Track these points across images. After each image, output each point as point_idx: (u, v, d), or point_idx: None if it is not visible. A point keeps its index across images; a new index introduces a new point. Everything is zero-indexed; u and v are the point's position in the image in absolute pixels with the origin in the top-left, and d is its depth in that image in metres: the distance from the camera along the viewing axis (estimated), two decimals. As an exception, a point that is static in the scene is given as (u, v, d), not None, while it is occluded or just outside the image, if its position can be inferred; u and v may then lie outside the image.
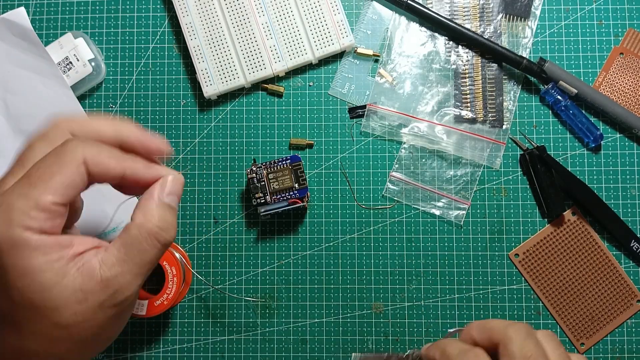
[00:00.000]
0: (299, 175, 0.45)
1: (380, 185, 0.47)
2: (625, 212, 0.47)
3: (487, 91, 0.47)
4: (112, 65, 0.49)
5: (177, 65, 0.48)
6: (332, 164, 0.48)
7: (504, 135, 0.47)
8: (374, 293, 0.47)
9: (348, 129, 0.48)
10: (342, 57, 0.48)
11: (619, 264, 0.46)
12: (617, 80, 0.47)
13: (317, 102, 0.48)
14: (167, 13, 0.49)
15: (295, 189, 0.44)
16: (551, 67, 0.46)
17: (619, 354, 0.46)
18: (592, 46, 0.48)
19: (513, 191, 0.47)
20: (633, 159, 0.47)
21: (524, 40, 0.48)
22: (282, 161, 0.45)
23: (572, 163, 0.47)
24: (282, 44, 0.47)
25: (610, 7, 0.48)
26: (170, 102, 0.48)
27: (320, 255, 0.47)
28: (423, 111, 0.47)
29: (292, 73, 0.48)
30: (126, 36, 0.49)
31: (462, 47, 0.48)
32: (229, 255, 0.47)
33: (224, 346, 0.46)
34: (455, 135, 0.47)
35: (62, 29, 0.49)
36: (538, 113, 0.48)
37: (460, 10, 0.48)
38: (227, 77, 0.47)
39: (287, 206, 0.44)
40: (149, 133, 0.34)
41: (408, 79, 0.48)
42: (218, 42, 0.47)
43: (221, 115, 0.48)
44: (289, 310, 0.47)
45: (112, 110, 0.48)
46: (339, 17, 0.47)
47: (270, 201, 0.44)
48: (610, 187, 0.47)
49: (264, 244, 0.47)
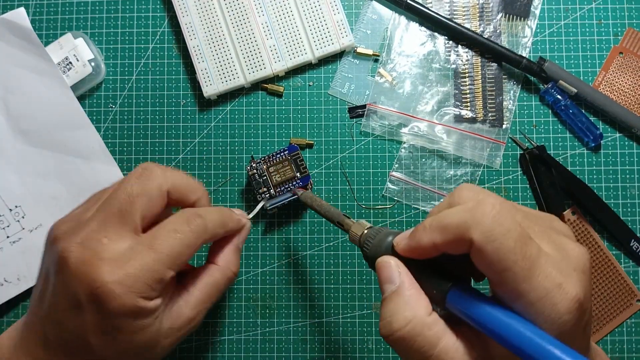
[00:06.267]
0: (299, 164, 0.45)
1: (380, 185, 0.47)
2: (625, 212, 0.47)
3: (487, 91, 0.47)
4: (112, 65, 0.49)
5: (177, 65, 0.48)
6: (332, 164, 0.48)
7: (504, 134, 0.47)
8: (374, 293, 0.47)
9: (348, 128, 0.48)
10: (342, 56, 0.48)
11: (619, 263, 0.46)
12: (616, 79, 0.47)
13: (317, 102, 0.48)
14: (166, 13, 0.49)
15: (297, 178, 0.45)
16: (551, 66, 0.46)
17: (618, 353, 0.46)
18: (592, 46, 0.48)
19: (513, 191, 0.47)
20: (633, 158, 0.47)
21: (523, 40, 0.48)
22: (280, 153, 0.45)
23: (572, 162, 0.47)
24: (282, 44, 0.47)
25: (610, 6, 0.48)
26: (170, 102, 0.48)
27: (320, 255, 0.47)
28: (423, 111, 0.47)
29: (292, 73, 0.48)
30: (126, 36, 0.49)
31: (461, 47, 0.48)
32: (229, 255, 0.47)
33: (224, 346, 0.46)
34: (455, 135, 0.47)
35: (62, 29, 0.49)
36: (538, 112, 0.48)
37: (459, 10, 0.48)
38: (227, 77, 0.47)
39: (293, 196, 0.44)
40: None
41: (408, 78, 0.48)
42: (218, 42, 0.47)
43: (221, 115, 0.48)
44: (289, 310, 0.47)
45: (112, 110, 0.48)
46: (338, 16, 0.47)
47: (275, 194, 0.44)
48: (610, 186, 0.47)
49: (264, 244, 0.47)
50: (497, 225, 0.23)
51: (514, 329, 0.22)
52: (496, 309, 0.23)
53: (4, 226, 0.46)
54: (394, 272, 0.27)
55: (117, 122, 0.48)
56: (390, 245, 0.29)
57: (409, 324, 0.25)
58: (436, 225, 0.25)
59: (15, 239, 0.46)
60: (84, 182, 0.47)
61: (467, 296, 0.25)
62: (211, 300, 0.36)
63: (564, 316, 0.22)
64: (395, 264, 0.27)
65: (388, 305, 0.26)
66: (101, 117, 0.48)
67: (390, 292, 0.27)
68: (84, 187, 0.47)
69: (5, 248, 0.46)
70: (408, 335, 0.25)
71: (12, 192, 0.46)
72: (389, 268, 0.27)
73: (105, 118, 0.48)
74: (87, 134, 0.47)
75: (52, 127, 0.47)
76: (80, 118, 0.47)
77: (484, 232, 0.23)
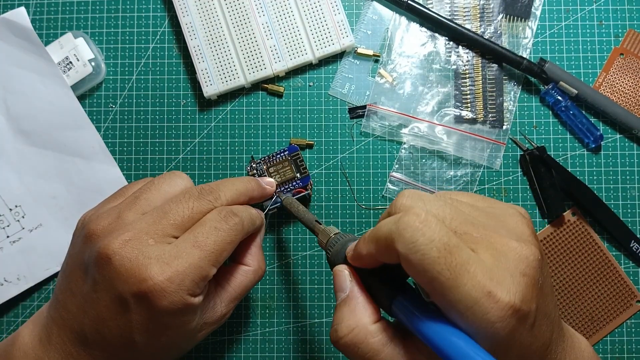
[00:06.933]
0: (299, 165, 0.45)
1: (380, 186, 0.47)
2: (625, 213, 0.47)
3: (487, 91, 0.47)
4: (112, 65, 0.49)
5: (177, 65, 0.48)
6: (332, 164, 0.48)
7: (504, 135, 0.47)
8: (374, 293, 0.47)
9: (348, 129, 0.48)
10: (342, 57, 0.48)
11: (619, 264, 0.46)
12: (617, 80, 0.47)
13: (317, 102, 0.48)
14: (167, 13, 0.49)
15: (297, 178, 0.45)
16: (551, 67, 0.46)
17: (618, 354, 0.46)
18: (592, 47, 0.48)
19: (513, 191, 0.47)
20: (633, 159, 0.47)
21: (524, 41, 0.48)
22: (280, 153, 0.45)
23: (572, 163, 0.47)
24: (282, 44, 0.47)
25: (611, 7, 0.48)
26: (170, 102, 0.48)
27: (320, 255, 0.47)
28: (423, 111, 0.47)
29: (292, 73, 0.48)
30: (126, 36, 0.49)
31: (462, 48, 0.48)
32: (229, 255, 0.47)
33: (224, 346, 0.46)
34: (456, 136, 0.47)
35: (62, 29, 0.49)
36: (538, 113, 0.48)
37: (460, 11, 0.48)
38: (227, 77, 0.47)
39: (293, 197, 0.44)
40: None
41: (408, 79, 0.48)
42: (218, 42, 0.47)
43: (221, 115, 0.48)
44: (289, 310, 0.47)
45: (112, 110, 0.48)
46: (339, 17, 0.47)
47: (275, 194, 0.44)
48: (610, 187, 0.47)
49: (264, 244, 0.47)
50: (419, 236, 0.23)
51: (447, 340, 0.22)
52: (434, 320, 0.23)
53: (4, 226, 0.46)
54: (345, 281, 0.28)
55: (117, 122, 0.48)
56: None
57: (352, 331, 0.26)
58: (370, 237, 0.26)
59: (15, 238, 0.46)
60: (84, 182, 0.47)
61: (410, 306, 0.25)
62: (242, 297, 0.38)
63: (495, 324, 0.22)
64: (347, 273, 0.28)
65: (337, 312, 0.27)
66: (101, 117, 0.48)
67: (340, 300, 0.28)
68: (84, 187, 0.47)
69: (5, 248, 0.46)
70: (351, 342, 0.26)
71: (12, 192, 0.46)
72: (341, 276, 0.28)
73: (105, 118, 0.48)
74: (87, 134, 0.47)
75: (52, 127, 0.47)
76: (80, 118, 0.47)
77: (406, 244, 0.23)
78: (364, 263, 0.27)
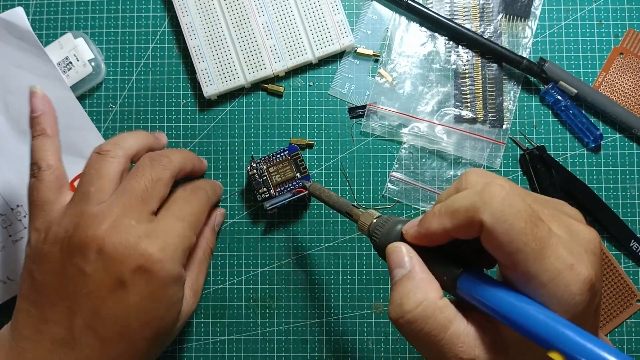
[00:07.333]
0: (299, 165, 0.45)
1: (380, 185, 0.47)
2: (625, 212, 0.47)
3: (487, 91, 0.47)
4: (112, 65, 0.49)
5: (177, 65, 0.48)
6: (332, 164, 0.48)
7: (504, 135, 0.47)
8: (374, 293, 0.47)
9: (348, 129, 0.48)
10: (342, 57, 0.48)
11: (619, 263, 0.46)
12: (617, 80, 0.47)
13: (317, 102, 0.48)
14: (167, 13, 0.49)
15: (297, 178, 0.45)
16: (551, 67, 0.46)
17: (618, 353, 0.46)
18: (592, 46, 0.48)
19: (513, 191, 0.47)
20: (633, 159, 0.47)
21: (524, 41, 0.48)
22: (280, 153, 0.45)
23: (572, 163, 0.47)
24: (282, 44, 0.47)
25: (610, 7, 0.48)
26: (170, 102, 0.48)
27: (320, 255, 0.47)
28: (423, 111, 0.47)
29: (292, 73, 0.48)
30: (126, 36, 0.49)
31: (462, 47, 0.48)
32: (229, 255, 0.47)
33: (224, 346, 0.47)
34: (455, 135, 0.47)
35: (62, 29, 0.49)
36: (538, 113, 0.48)
37: (460, 10, 0.48)
38: (227, 77, 0.47)
39: (293, 197, 0.44)
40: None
41: (408, 79, 0.48)
42: (218, 42, 0.47)
43: (221, 115, 0.48)
44: (289, 310, 0.47)
45: (112, 110, 0.48)
46: (339, 17, 0.47)
47: (275, 194, 0.44)
48: (610, 187, 0.47)
49: (264, 244, 0.47)
50: (506, 206, 0.22)
51: (526, 313, 0.22)
52: (508, 294, 0.23)
53: (6, 225, 0.46)
54: (404, 257, 0.27)
55: (117, 122, 0.48)
56: (400, 234, 0.29)
57: (420, 305, 0.25)
58: (445, 210, 0.25)
59: (17, 237, 0.46)
60: (84, 182, 0.47)
61: (478, 281, 0.24)
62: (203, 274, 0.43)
63: (576, 297, 0.22)
64: (406, 249, 0.27)
65: (398, 288, 0.26)
66: (101, 117, 0.48)
67: (401, 276, 0.26)
68: (84, 187, 0.47)
69: (8, 247, 0.46)
70: (419, 316, 0.24)
71: (13, 192, 0.46)
72: (400, 253, 0.27)
73: (105, 118, 0.48)
74: (87, 134, 0.47)
75: (52, 127, 0.47)
76: (80, 118, 0.47)
77: (494, 214, 0.22)
78: (432, 240, 0.26)
